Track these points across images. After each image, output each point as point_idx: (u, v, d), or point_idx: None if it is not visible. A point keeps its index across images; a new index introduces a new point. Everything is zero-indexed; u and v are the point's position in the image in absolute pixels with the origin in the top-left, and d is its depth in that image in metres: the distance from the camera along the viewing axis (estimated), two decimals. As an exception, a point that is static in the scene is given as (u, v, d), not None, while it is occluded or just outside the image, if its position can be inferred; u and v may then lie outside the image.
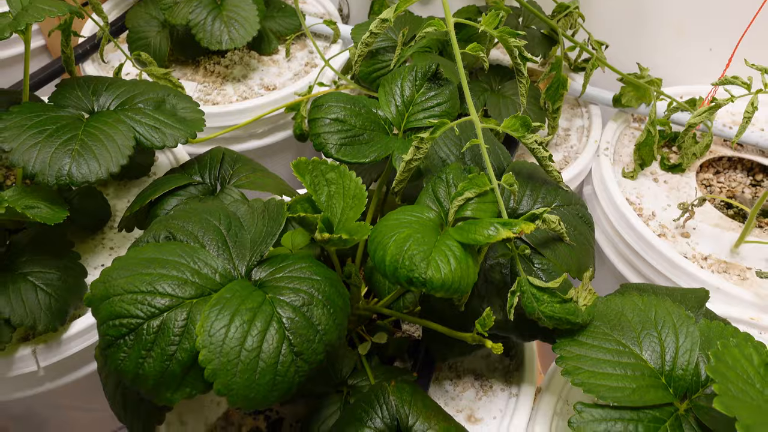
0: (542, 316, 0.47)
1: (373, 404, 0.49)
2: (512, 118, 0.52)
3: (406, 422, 0.48)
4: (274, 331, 0.43)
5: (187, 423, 0.57)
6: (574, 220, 0.56)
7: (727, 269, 0.71)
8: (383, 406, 0.49)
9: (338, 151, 0.56)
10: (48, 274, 0.59)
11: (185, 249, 0.47)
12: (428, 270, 0.42)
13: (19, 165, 0.55)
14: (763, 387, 0.40)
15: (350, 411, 0.49)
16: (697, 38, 0.91)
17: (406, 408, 0.49)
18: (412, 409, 0.49)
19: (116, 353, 0.43)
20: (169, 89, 0.66)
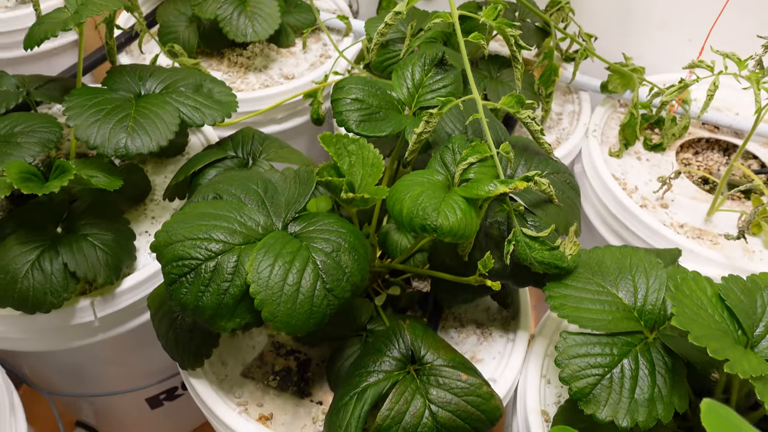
0: (534, 261, 0.56)
1: (391, 338, 0.58)
2: (508, 96, 0.61)
3: (419, 353, 0.57)
4: (310, 271, 0.52)
5: (227, 363, 0.65)
6: (562, 185, 0.65)
7: (701, 235, 0.80)
8: (400, 340, 0.57)
9: (358, 126, 0.64)
10: (104, 236, 0.67)
11: (232, 205, 0.56)
12: (439, 218, 0.51)
13: (83, 139, 0.64)
14: (713, 311, 0.49)
15: (371, 344, 0.58)
16: (678, 29, 1.00)
17: (418, 341, 0.57)
18: (423, 343, 0.57)
19: (179, 288, 0.51)
20: (204, 75, 0.75)
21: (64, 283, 0.64)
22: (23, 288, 0.62)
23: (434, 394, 0.53)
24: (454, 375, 0.54)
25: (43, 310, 0.63)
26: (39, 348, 0.71)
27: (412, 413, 0.52)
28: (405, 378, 0.54)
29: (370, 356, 0.57)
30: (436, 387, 0.53)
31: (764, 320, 0.51)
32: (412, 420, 0.52)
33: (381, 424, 0.52)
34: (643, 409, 0.50)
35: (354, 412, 0.52)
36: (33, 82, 0.78)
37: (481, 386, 0.54)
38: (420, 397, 0.53)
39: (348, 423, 0.52)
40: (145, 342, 0.80)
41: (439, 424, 0.52)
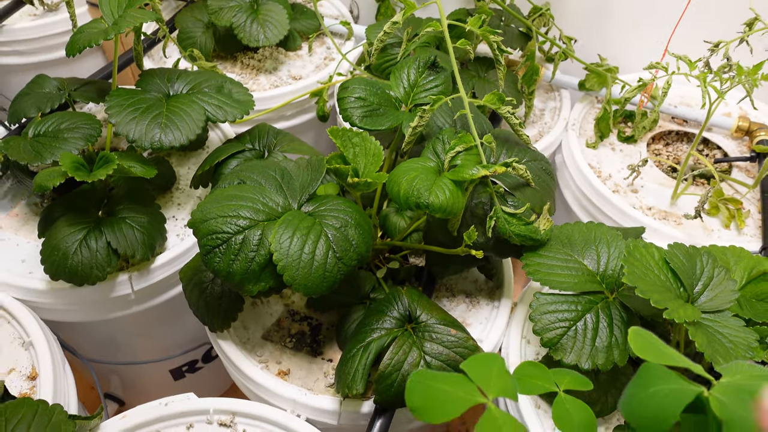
0: (512, 234, 0.66)
1: (391, 302, 0.68)
2: (490, 94, 0.71)
3: (415, 313, 0.66)
4: (323, 242, 0.62)
5: (249, 328, 0.75)
6: (539, 171, 0.75)
7: (666, 216, 0.90)
8: (398, 303, 0.67)
9: (361, 121, 0.74)
10: (140, 218, 0.77)
11: (255, 189, 0.66)
12: (430, 197, 0.61)
13: (123, 134, 0.73)
14: (659, 272, 0.59)
15: (374, 306, 0.68)
16: (649, 32, 1.10)
17: (414, 304, 0.67)
18: (418, 305, 0.67)
19: (213, 258, 0.61)
20: (224, 77, 0.85)
21: (108, 259, 0.73)
22: (73, 263, 0.72)
23: (428, 347, 0.63)
24: (444, 331, 0.64)
25: (90, 282, 0.73)
26: (82, 318, 0.81)
27: (409, 362, 0.62)
28: (403, 333, 0.64)
29: (373, 316, 0.67)
30: (430, 341, 0.63)
31: (702, 279, 0.60)
32: (409, 368, 0.62)
33: (383, 371, 0.62)
34: (602, 354, 0.60)
35: (361, 360, 0.62)
36: (71, 84, 0.87)
37: (467, 339, 0.63)
38: (416, 350, 0.63)
39: (356, 370, 0.62)
40: (173, 315, 0.90)
41: (433, 370, 0.62)
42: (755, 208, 0.91)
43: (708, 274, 0.61)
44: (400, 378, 0.62)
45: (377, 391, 0.61)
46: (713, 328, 0.57)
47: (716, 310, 0.59)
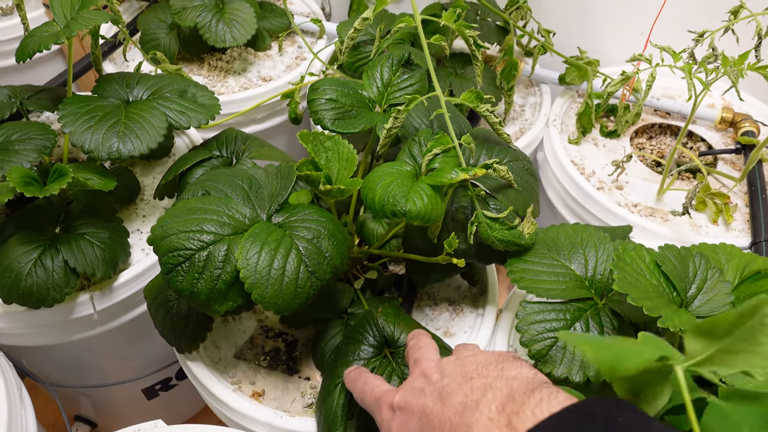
0: (495, 240, 0.62)
1: (365, 326, 0.63)
2: (468, 92, 0.67)
3: (392, 336, 0.62)
4: (294, 256, 0.57)
5: (220, 347, 0.71)
6: (521, 171, 0.71)
7: (653, 213, 0.87)
8: (374, 327, 0.63)
9: (333, 124, 0.70)
10: (100, 234, 0.72)
11: (221, 200, 0.61)
12: (407, 204, 0.57)
13: (78, 144, 0.68)
14: (650, 276, 0.56)
15: (348, 334, 0.64)
16: (631, 24, 1.07)
17: (390, 326, 0.63)
18: (395, 326, 0.63)
19: (176, 277, 0.57)
20: (188, 81, 0.80)
21: (65, 279, 0.68)
22: (27, 285, 0.67)
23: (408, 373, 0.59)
24: None
25: (46, 304, 0.68)
26: (42, 342, 0.76)
27: None
28: (381, 362, 0.60)
29: (349, 346, 0.62)
30: (405, 365, 0.59)
31: (696, 282, 0.57)
32: None
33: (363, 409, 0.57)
34: (594, 366, 0.56)
35: (339, 401, 0.58)
36: (24, 92, 0.82)
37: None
38: (396, 378, 0.59)
39: (334, 412, 0.58)
40: (140, 333, 0.85)
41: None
42: (742, 201, 0.89)
43: (701, 276, 0.58)
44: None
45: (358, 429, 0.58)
46: (709, 334, 0.54)
47: (711, 315, 0.56)
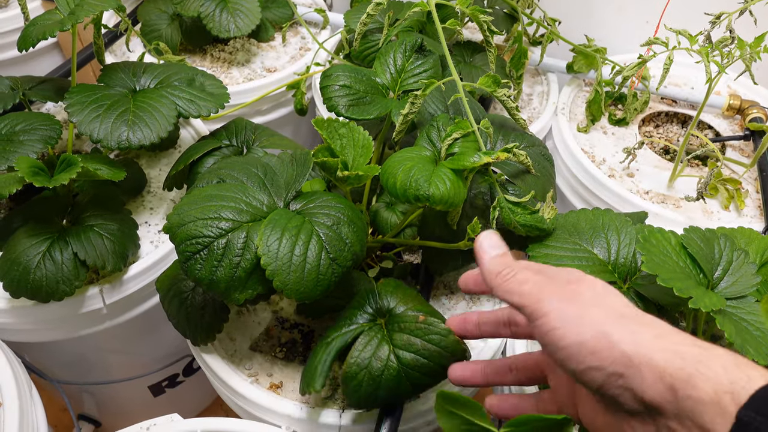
0: (517, 225, 0.61)
1: (365, 296, 0.61)
2: (485, 77, 0.66)
3: (387, 306, 0.60)
4: (315, 243, 0.56)
5: (235, 339, 0.70)
6: (538, 157, 0.70)
7: (665, 200, 0.87)
8: (370, 297, 0.61)
9: (347, 111, 0.69)
10: (109, 226, 0.70)
11: (237, 187, 0.60)
12: (430, 188, 0.56)
13: (86, 133, 0.67)
14: (677, 258, 0.55)
15: (351, 303, 0.62)
16: (636, 13, 1.06)
17: (388, 297, 0.61)
18: (392, 297, 0.60)
19: (194, 265, 0.55)
20: (195, 70, 0.79)
21: (75, 272, 0.67)
22: (36, 278, 0.65)
23: (397, 339, 0.57)
24: (413, 318, 0.57)
25: (56, 298, 0.66)
26: (50, 338, 0.74)
27: (378, 357, 0.56)
28: (372, 328, 0.58)
29: (347, 311, 0.61)
30: (399, 332, 0.57)
31: (722, 264, 0.57)
32: (377, 364, 0.56)
33: (348, 371, 0.56)
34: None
35: (321, 357, 0.57)
36: (26, 83, 0.80)
37: (437, 324, 0.57)
38: (386, 344, 0.56)
39: (314, 367, 0.57)
40: (149, 328, 0.84)
41: (404, 365, 0.55)
42: (753, 187, 0.89)
43: (727, 258, 0.57)
44: (367, 376, 0.55)
45: (346, 393, 0.57)
46: (738, 315, 0.54)
47: (738, 296, 0.55)
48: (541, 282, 0.43)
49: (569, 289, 0.42)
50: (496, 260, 0.46)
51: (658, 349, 0.37)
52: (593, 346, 0.38)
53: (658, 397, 0.36)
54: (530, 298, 0.42)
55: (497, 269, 0.45)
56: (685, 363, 0.36)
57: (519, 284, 0.43)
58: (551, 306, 0.41)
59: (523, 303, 0.42)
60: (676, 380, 0.35)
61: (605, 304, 0.40)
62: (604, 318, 0.39)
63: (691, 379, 0.35)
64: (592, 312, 0.40)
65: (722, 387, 0.34)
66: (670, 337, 0.38)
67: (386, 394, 0.56)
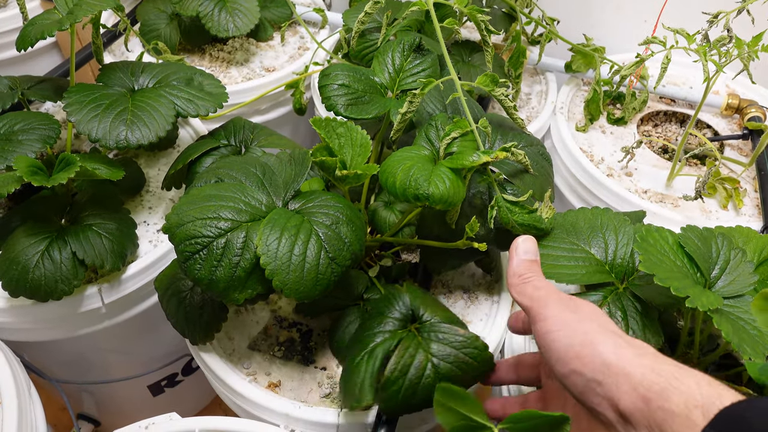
0: (515, 224, 0.61)
1: (391, 301, 0.62)
2: (483, 76, 0.66)
3: (418, 312, 0.61)
4: (314, 242, 0.56)
5: (233, 338, 0.70)
6: (536, 156, 0.70)
7: (663, 199, 0.87)
8: (399, 302, 0.62)
9: (346, 110, 0.69)
10: (107, 225, 0.70)
11: (236, 186, 0.60)
12: (430, 187, 0.56)
13: (85, 132, 0.67)
14: (675, 257, 0.56)
15: (373, 308, 0.63)
16: (634, 12, 1.07)
17: (417, 302, 0.62)
18: (420, 303, 0.62)
19: (193, 265, 0.55)
20: (194, 69, 0.79)
21: (74, 271, 0.67)
22: (35, 277, 0.65)
23: (435, 349, 0.57)
24: (452, 330, 0.58)
25: (54, 297, 0.66)
26: (48, 337, 0.74)
27: (416, 366, 0.56)
28: (408, 335, 0.59)
29: (374, 319, 0.61)
30: (436, 342, 0.57)
31: (719, 263, 0.57)
32: (416, 372, 0.56)
33: (389, 377, 0.56)
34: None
35: (367, 368, 0.57)
36: (24, 82, 0.80)
37: (476, 339, 0.58)
38: (423, 352, 0.57)
39: (363, 380, 0.56)
40: (148, 327, 0.84)
41: (441, 374, 0.56)
42: (751, 186, 0.89)
43: (724, 257, 0.57)
44: (407, 383, 0.56)
45: (383, 399, 0.56)
46: (735, 314, 0.54)
47: (736, 295, 0.55)
48: (552, 293, 0.47)
49: (572, 302, 0.46)
50: (523, 263, 0.51)
51: (637, 364, 0.39)
52: (579, 351, 0.41)
53: (632, 406, 0.38)
54: (538, 302, 0.46)
55: (521, 271, 0.50)
56: (661, 378, 0.38)
57: (533, 289, 0.48)
58: (553, 312, 0.45)
59: (530, 305, 0.47)
60: (649, 392, 0.37)
61: (600, 321, 0.44)
62: (596, 329, 0.42)
63: (664, 392, 0.37)
64: (587, 323, 0.43)
65: (693, 401, 0.36)
66: (651, 357, 0.40)
67: (420, 401, 0.56)
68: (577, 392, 0.42)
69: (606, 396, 0.39)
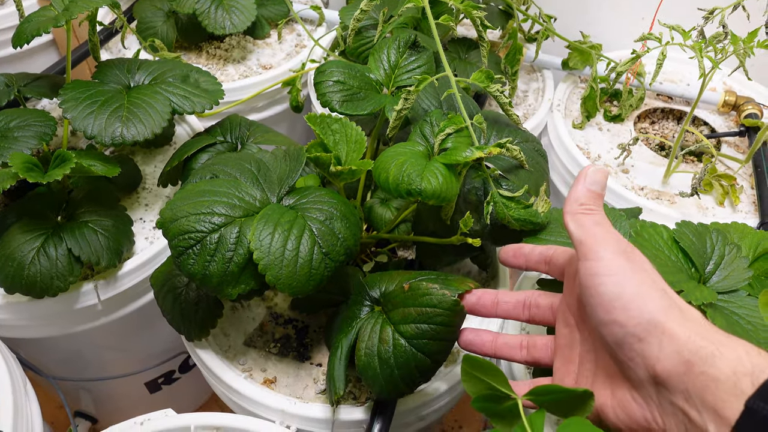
0: (511, 219, 0.61)
1: (359, 293, 0.61)
2: (478, 72, 0.66)
3: (380, 291, 0.60)
4: (307, 237, 0.56)
5: (229, 335, 0.70)
6: (531, 152, 0.70)
7: (659, 196, 0.87)
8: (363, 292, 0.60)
9: (341, 106, 0.69)
10: (104, 222, 0.71)
11: (230, 182, 0.60)
12: (422, 183, 0.56)
13: (80, 129, 0.67)
14: (669, 252, 0.55)
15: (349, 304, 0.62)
16: (631, 9, 1.07)
17: (377, 284, 0.60)
18: (381, 283, 0.60)
19: (187, 260, 0.55)
20: (190, 66, 0.79)
21: (69, 267, 0.67)
22: (31, 274, 0.65)
23: (394, 316, 0.55)
24: (400, 290, 0.56)
25: (50, 294, 0.66)
26: (44, 334, 0.74)
27: (383, 340, 0.54)
28: (371, 317, 0.57)
29: (348, 312, 0.61)
30: (393, 310, 0.56)
31: (713, 258, 0.57)
32: (384, 346, 0.54)
33: (359, 364, 0.55)
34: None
35: (334, 364, 0.57)
36: (21, 79, 0.80)
37: (422, 286, 0.55)
38: (387, 326, 0.55)
39: (332, 376, 0.56)
40: (144, 324, 0.84)
41: (408, 337, 0.53)
42: (748, 183, 0.89)
43: (719, 252, 0.57)
44: (380, 362, 0.54)
45: (369, 387, 0.56)
46: (729, 309, 0.54)
47: (730, 290, 0.55)
48: (612, 233, 0.43)
49: (630, 249, 0.42)
50: (589, 193, 0.46)
51: (685, 327, 0.37)
52: (627, 302, 0.39)
53: (671, 368, 0.36)
54: (593, 238, 0.42)
55: (583, 200, 0.45)
56: (707, 343, 0.36)
57: (593, 222, 0.44)
58: (607, 254, 0.41)
59: (584, 239, 0.43)
60: (693, 356, 0.36)
61: (653, 276, 0.41)
62: (648, 283, 0.40)
63: (710, 357, 0.35)
64: (641, 274, 0.40)
65: (743, 369, 0.34)
66: (699, 322, 0.38)
67: (404, 373, 0.54)
68: (612, 341, 0.39)
69: (644, 354, 0.37)
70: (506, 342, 0.53)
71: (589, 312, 0.41)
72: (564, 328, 0.48)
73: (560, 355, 0.48)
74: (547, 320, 0.52)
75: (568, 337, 0.47)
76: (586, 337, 0.45)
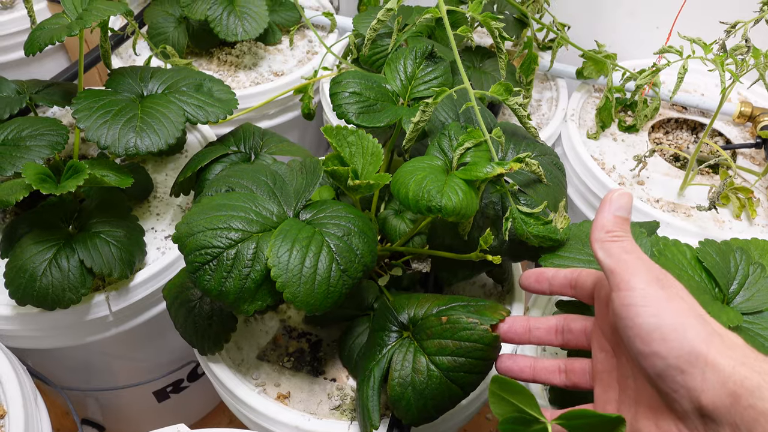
0: (530, 236, 0.61)
1: (385, 316, 0.60)
2: (497, 85, 0.65)
3: (409, 316, 0.59)
4: (325, 254, 0.55)
5: (242, 348, 0.69)
6: (549, 166, 0.70)
7: (675, 209, 0.86)
8: (390, 315, 0.60)
9: (357, 118, 0.68)
10: (116, 232, 0.70)
11: (246, 196, 0.59)
12: (443, 199, 0.55)
13: (94, 140, 0.66)
14: (693, 272, 0.55)
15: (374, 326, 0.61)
16: (646, 18, 1.06)
17: (405, 309, 0.59)
18: (409, 307, 0.59)
19: (203, 276, 0.55)
20: (203, 75, 0.78)
21: (81, 279, 0.66)
22: (42, 286, 0.65)
23: (429, 346, 0.55)
24: (437, 322, 0.55)
25: (62, 305, 0.65)
26: (55, 345, 0.74)
27: (418, 370, 0.54)
28: (402, 344, 0.57)
29: (377, 333, 0.60)
30: (428, 339, 0.55)
31: (737, 278, 0.56)
32: (419, 377, 0.54)
33: (392, 394, 0.55)
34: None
35: (367, 394, 0.56)
36: (32, 86, 0.79)
37: (462, 320, 0.55)
38: (420, 355, 0.55)
39: (366, 407, 0.56)
40: (154, 335, 0.83)
41: (445, 369, 0.53)
42: (764, 196, 0.88)
43: (743, 272, 0.56)
44: (413, 393, 0.55)
45: (400, 416, 0.55)
46: (754, 331, 0.53)
47: (755, 311, 0.54)
48: (643, 260, 0.42)
49: (663, 276, 0.42)
50: (616, 219, 0.45)
51: (728, 357, 0.36)
52: (667, 333, 0.38)
53: (717, 401, 0.35)
54: (625, 267, 0.42)
55: (610, 226, 0.45)
56: (753, 374, 0.35)
57: (622, 251, 0.43)
58: (640, 283, 0.40)
59: (615, 268, 0.42)
60: (740, 388, 0.35)
61: (690, 302, 0.40)
62: (686, 311, 0.39)
63: (757, 390, 0.34)
64: (678, 302, 0.39)
65: None
66: (742, 350, 0.37)
67: (437, 403, 0.54)
68: (653, 373, 0.38)
69: (687, 386, 0.36)
70: (545, 367, 0.52)
71: (627, 343, 0.40)
72: (600, 353, 0.47)
73: (599, 381, 0.47)
74: (581, 345, 0.51)
75: (605, 362, 0.46)
76: (623, 363, 0.44)
